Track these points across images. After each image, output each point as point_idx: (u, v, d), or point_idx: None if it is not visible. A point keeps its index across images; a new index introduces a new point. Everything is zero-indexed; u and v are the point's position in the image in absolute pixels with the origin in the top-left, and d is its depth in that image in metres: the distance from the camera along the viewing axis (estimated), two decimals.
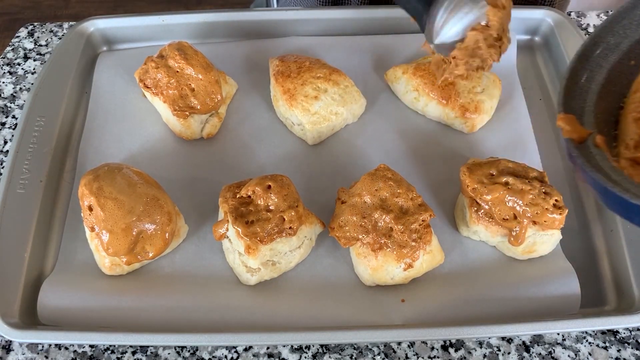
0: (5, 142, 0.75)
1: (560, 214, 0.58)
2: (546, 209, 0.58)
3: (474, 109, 0.70)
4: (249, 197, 0.60)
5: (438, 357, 0.58)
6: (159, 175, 0.66)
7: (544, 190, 0.59)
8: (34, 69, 0.82)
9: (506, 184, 0.59)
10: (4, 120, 0.77)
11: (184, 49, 0.71)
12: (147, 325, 0.57)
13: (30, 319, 0.58)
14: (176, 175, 0.69)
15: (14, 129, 0.76)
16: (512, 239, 0.59)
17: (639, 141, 0.43)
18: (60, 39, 0.85)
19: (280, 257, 0.59)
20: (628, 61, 0.47)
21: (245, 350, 0.58)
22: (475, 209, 0.61)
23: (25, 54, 0.84)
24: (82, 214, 0.61)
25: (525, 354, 0.58)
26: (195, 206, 0.66)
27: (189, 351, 0.58)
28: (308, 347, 0.58)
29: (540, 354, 0.58)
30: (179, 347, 0.58)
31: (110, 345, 0.58)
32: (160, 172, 0.68)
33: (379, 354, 0.58)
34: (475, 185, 0.60)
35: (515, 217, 0.59)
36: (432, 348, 0.58)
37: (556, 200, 0.58)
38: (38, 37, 0.86)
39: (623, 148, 0.44)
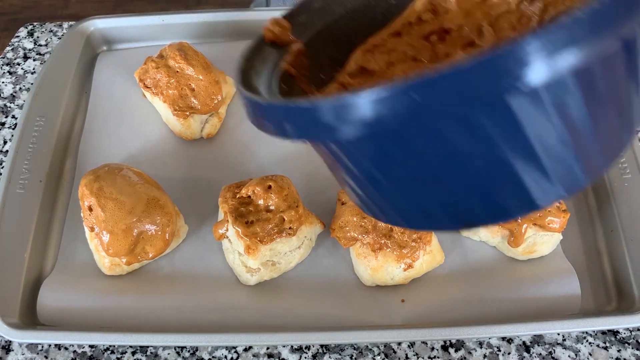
0: (5, 142, 0.75)
1: (563, 217, 0.58)
2: (549, 211, 0.57)
3: None
4: (249, 197, 0.60)
5: (438, 357, 0.58)
6: (158, 175, 0.66)
7: None
8: (33, 68, 0.82)
9: None
10: (3, 120, 0.77)
11: (185, 49, 0.71)
12: (147, 325, 0.57)
13: (30, 319, 0.58)
14: (176, 175, 0.69)
15: (13, 129, 0.75)
16: (511, 240, 0.59)
17: (356, 70, 0.42)
18: (60, 38, 0.85)
19: (280, 257, 0.59)
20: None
21: (245, 350, 0.58)
22: None
23: (25, 54, 0.84)
24: (82, 214, 0.61)
25: (525, 354, 0.58)
26: (195, 206, 0.66)
27: (188, 351, 0.58)
28: (308, 348, 0.58)
29: (540, 354, 0.58)
30: (178, 347, 0.58)
31: (110, 346, 0.58)
32: (160, 172, 0.68)
33: (379, 354, 0.58)
34: None
35: (515, 219, 0.59)
36: (432, 348, 0.58)
37: (559, 203, 0.58)
38: (38, 37, 0.86)
39: (341, 73, 0.43)
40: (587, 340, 0.59)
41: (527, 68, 0.23)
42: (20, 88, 0.80)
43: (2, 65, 0.83)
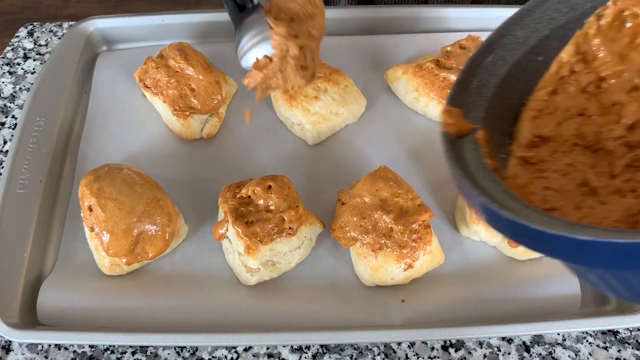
0: (5, 142, 0.75)
1: None
2: None
3: None
4: (249, 197, 0.60)
5: (438, 357, 0.58)
6: (158, 175, 0.66)
7: None
8: (33, 68, 0.82)
9: None
10: (3, 120, 0.77)
11: (185, 49, 0.71)
12: (147, 325, 0.57)
13: (29, 319, 0.58)
14: (176, 175, 0.69)
15: (13, 129, 0.75)
16: (510, 240, 0.59)
17: (532, 140, 0.42)
18: (60, 38, 0.85)
19: (280, 257, 0.59)
20: (535, 56, 0.44)
21: (245, 350, 0.58)
22: None
23: (25, 54, 0.84)
24: (82, 214, 0.61)
25: (525, 354, 0.58)
26: (195, 206, 0.66)
27: (188, 351, 0.58)
28: (308, 348, 0.58)
29: (540, 354, 0.58)
30: (178, 347, 0.58)
31: (110, 346, 0.58)
32: (159, 172, 0.68)
33: (379, 354, 0.58)
34: None
35: None
36: (432, 348, 0.58)
37: None
38: (38, 37, 0.86)
39: (516, 146, 0.42)
40: (587, 340, 0.59)
41: None
42: (20, 88, 0.80)
43: (2, 65, 0.83)
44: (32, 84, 0.79)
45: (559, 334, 0.59)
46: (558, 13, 0.44)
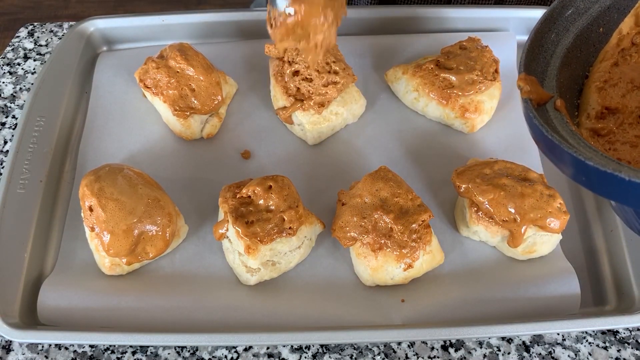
0: (5, 142, 0.75)
1: (563, 218, 0.58)
2: (550, 211, 0.58)
3: (474, 109, 0.70)
4: (249, 197, 0.60)
5: (438, 357, 0.58)
6: (158, 175, 0.66)
7: (547, 194, 0.59)
8: (34, 69, 0.82)
9: (504, 186, 0.59)
10: (4, 120, 0.77)
11: (185, 50, 0.71)
12: (147, 325, 0.57)
13: (30, 319, 0.58)
14: (176, 175, 0.69)
15: (14, 129, 0.76)
16: (510, 240, 0.59)
17: (600, 111, 0.42)
18: (60, 39, 0.85)
19: (280, 257, 0.59)
20: (597, 27, 0.45)
21: (245, 350, 0.58)
22: (475, 209, 0.61)
23: (25, 54, 0.84)
24: (82, 214, 0.61)
25: (525, 354, 0.58)
26: (195, 206, 0.66)
27: (189, 351, 0.58)
28: (308, 347, 0.58)
29: (540, 354, 0.58)
30: (179, 347, 0.58)
31: (110, 345, 0.58)
32: (160, 172, 0.68)
33: (379, 354, 0.58)
34: (465, 185, 0.60)
35: (515, 220, 0.58)
36: (432, 348, 0.58)
37: (560, 204, 0.58)
38: (38, 37, 0.86)
39: (584, 118, 0.42)
40: (586, 340, 0.59)
41: None
42: (20, 88, 0.80)
43: (3, 65, 0.83)
44: (32, 84, 0.80)
45: (558, 334, 0.59)
46: None
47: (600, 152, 0.36)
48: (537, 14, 0.81)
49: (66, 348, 0.58)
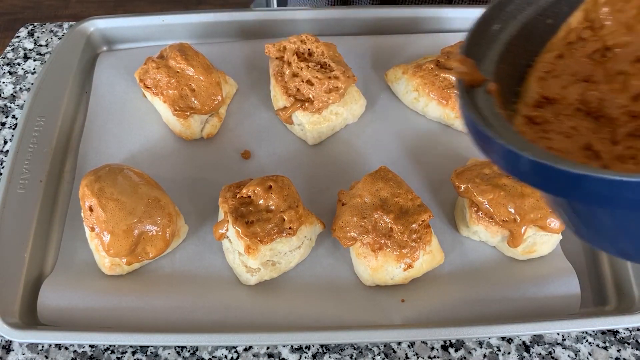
0: (5, 142, 0.75)
1: None
2: (550, 212, 0.57)
3: None
4: (249, 197, 0.60)
5: (438, 357, 0.58)
6: (158, 175, 0.66)
7: None
8: (34, 69, 0.82)
9: (504, 186, 0.59)
10: (4, 120, 0.77)
11: (185, 50, 0.71)
12: (147, 325, 0.57)
13: (30, 319, 0.58)
14: (176, 175, 0.69)
15: (14, 129, 0.76)
16: (510, 240, 0.59)
17: (538, 100, 0.42)
18: (60, 39, 0.85)
19: (280, 257, 0.59)
20: (545, 19, 0.45)
21: (245, 350, 0.58)
22: (475, 209, 0.61)
23: (25, 54, 0.84)
24: (82, 214, 0.61)
25: (525, 354, 0.58)
26: (195, 206, 0.66)
27: (189, 351, 0.58)
28: (308, 347, 0.58)
29: (540, 354, 0.58)
30: (179, 347, 0.58)
31: (110, 345, 0.58)
32: (160, 172, 0.68)
33: (379, 354, 0.58)
34: (465, 185, 0.60)
35: (515, 220, 0.58)
36: (432, 348, 0.58)
37: None
38: (38, 37, 0.86)
39: (522, 105, 0.43)
40: (586, 340, 0.59)
41: None
42: (20, 88, 0.80)
43: (3, 65, 0.83)
44: (32, 84, 0.80)
45: (558, 334, 0.59)
46: None
47: (514, 131, 0.37)
48: None
49: (66, 348, 0.58)
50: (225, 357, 0.58)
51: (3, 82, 0.81)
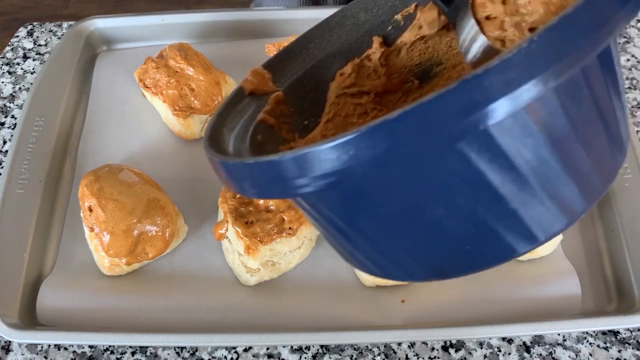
0: (5, 142, 0.74)
1: None
2: None
3: None
4: None
5: (438, 358, 0.58)
6: (158, 175, 0.66)
7: None
8: (33, 68, 0.82)
9: None
10: (3, 120, 0.77)
11: (185, 50, 0.71)
12: (147, 326, 0.57)
13: (29, 319, 0.58)
14: (176, 175, 0.69)
15: (13, 129, 0.75)
16: None
17: (331, 118, 0.42)
18: (59, 38, 0.85)
19: (280, 257, 0.59)
20: (327, 72, 0.45)
21: (245, 350, 0.58)
22: None
23: (24, 54, 0.84)
24: (81, 215, 0.60)
25: (525, 354, 0.58)
26: (195, 206, 0.66)
27: (188, 351, 0.58)
28: (308, 348, 0.58)
29: (540, 354, 0.57)
30: (178, 347, 0.58)
31: (109, 346, 0.58)
32: (159, 172, 0.68)
33: (379, 354, 0.58)
34: None
35: None
36: (433, 349, 0.58)
37: None
38: (37, 37, 0.86)
39: (323, 123, 0.43)
40: (587, 341, 0.59)
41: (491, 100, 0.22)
42: (19, 88, 0.80)
43: (2, 65, 0.83)
44: (31, 84, 0.79)
45: (559, 335, 0.59)
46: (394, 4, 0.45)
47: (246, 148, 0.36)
48: None
49: (65, 348, 0.58)
50: (225, 357, 0.58)
51: (2, 82, 0.80)
